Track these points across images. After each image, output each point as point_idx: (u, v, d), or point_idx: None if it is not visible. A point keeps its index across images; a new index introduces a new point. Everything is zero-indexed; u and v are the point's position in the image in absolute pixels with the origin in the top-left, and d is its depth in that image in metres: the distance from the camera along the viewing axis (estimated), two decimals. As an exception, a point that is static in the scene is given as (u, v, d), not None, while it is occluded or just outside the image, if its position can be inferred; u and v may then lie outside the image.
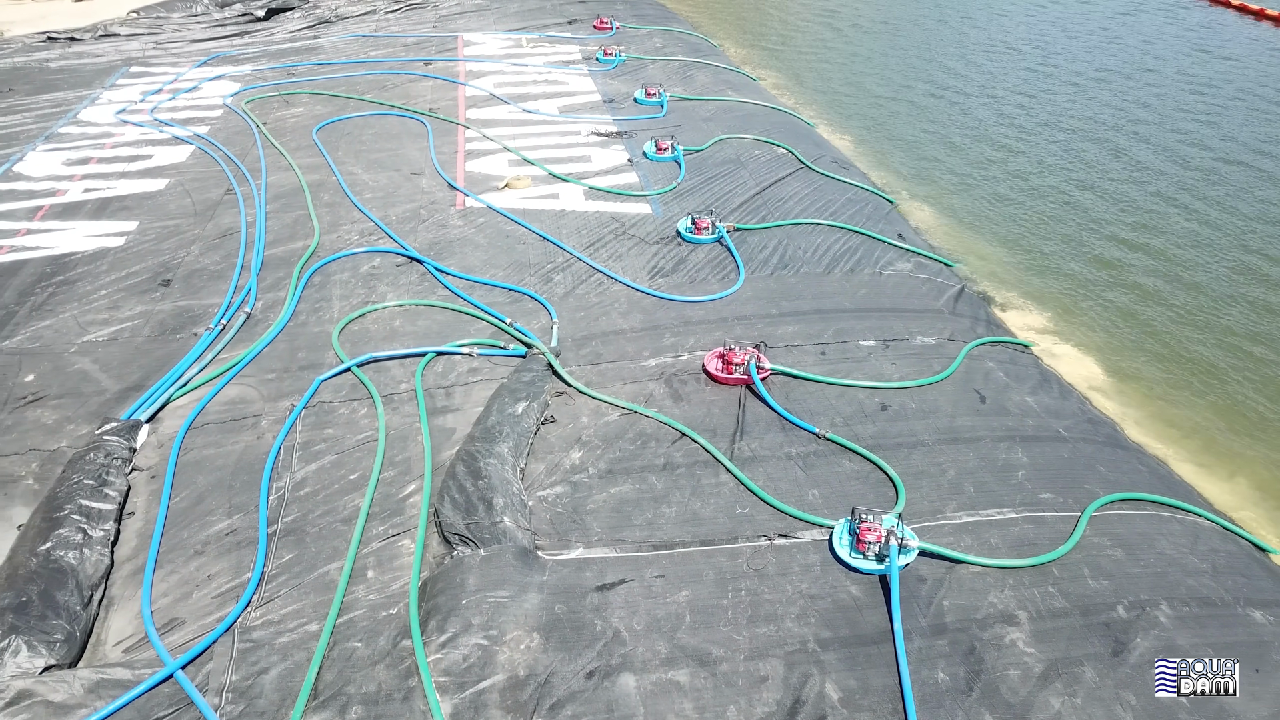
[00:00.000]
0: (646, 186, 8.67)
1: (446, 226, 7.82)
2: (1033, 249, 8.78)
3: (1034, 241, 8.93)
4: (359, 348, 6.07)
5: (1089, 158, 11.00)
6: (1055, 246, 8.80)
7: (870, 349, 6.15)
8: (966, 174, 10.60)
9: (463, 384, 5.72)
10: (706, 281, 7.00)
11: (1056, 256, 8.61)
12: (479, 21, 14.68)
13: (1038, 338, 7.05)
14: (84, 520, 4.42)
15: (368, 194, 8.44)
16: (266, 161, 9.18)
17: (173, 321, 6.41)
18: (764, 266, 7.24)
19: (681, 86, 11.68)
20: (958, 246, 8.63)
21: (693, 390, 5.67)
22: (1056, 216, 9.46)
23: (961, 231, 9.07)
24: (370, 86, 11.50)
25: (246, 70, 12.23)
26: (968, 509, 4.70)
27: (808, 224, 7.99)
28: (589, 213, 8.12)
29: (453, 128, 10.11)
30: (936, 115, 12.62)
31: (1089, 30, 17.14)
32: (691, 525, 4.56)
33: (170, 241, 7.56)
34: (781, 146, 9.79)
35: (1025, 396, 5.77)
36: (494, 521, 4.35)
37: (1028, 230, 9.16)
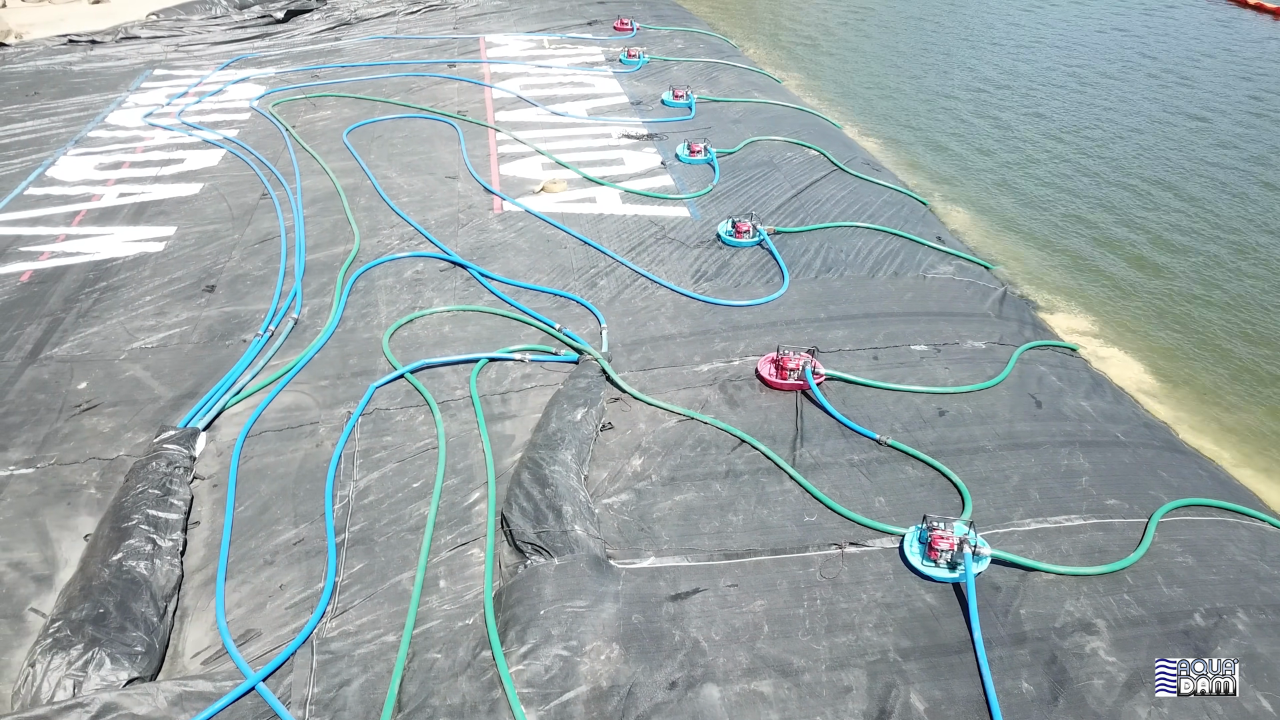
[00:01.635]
0: (682, 189, 8.66)
1: (486, 231, 7.80)
2: (1071, 250, 8.75)
3: (1072, 243, 8.91)
4: (410, 354, 6.05)
5: (1125, 157, 10.98)
6: (1094, 248, 8.78)
7: (922, 353, 6.14)
8: (999, 175, 10.58)
9: (518, 390, 5.70)
10: (751, 286, 6.99)
11: (1096, 258, 8.59)
12: (499, 23, 14.66)
13: (1084, 341, 7.03)
14: (152, 530, 4.41)
15: (404, 198, 8.43)
16: (299, 165, 9.17)
17: (220, 328, 6.39)
18: (807, 270, 7.22)
19: (707, 88, 11.66)
20: (996, 248, 8.61)
21: (748, 396, 5.65)
22: (1094, 217, 9.44)
23: (998, 233, 9.05)
24: (396, 89, 11.49)
25: (270, 73, 12.22)
26: (1035, 515, 4.68)
27: (848, 227, 7.97)
28: (627, 216, 8.11)
29: (483, 130, 10.09)
30: (964, 115, 12.60)
31: (1122, 27, 17.11)
32: (760, 533, 4.54)
33: (210, 247, 7.54)
34: (813, 148, 9.77)
35: (1080, 401, 5.75)
36: (565, 530, 4.33)
37: (1065, 231, 9.14)
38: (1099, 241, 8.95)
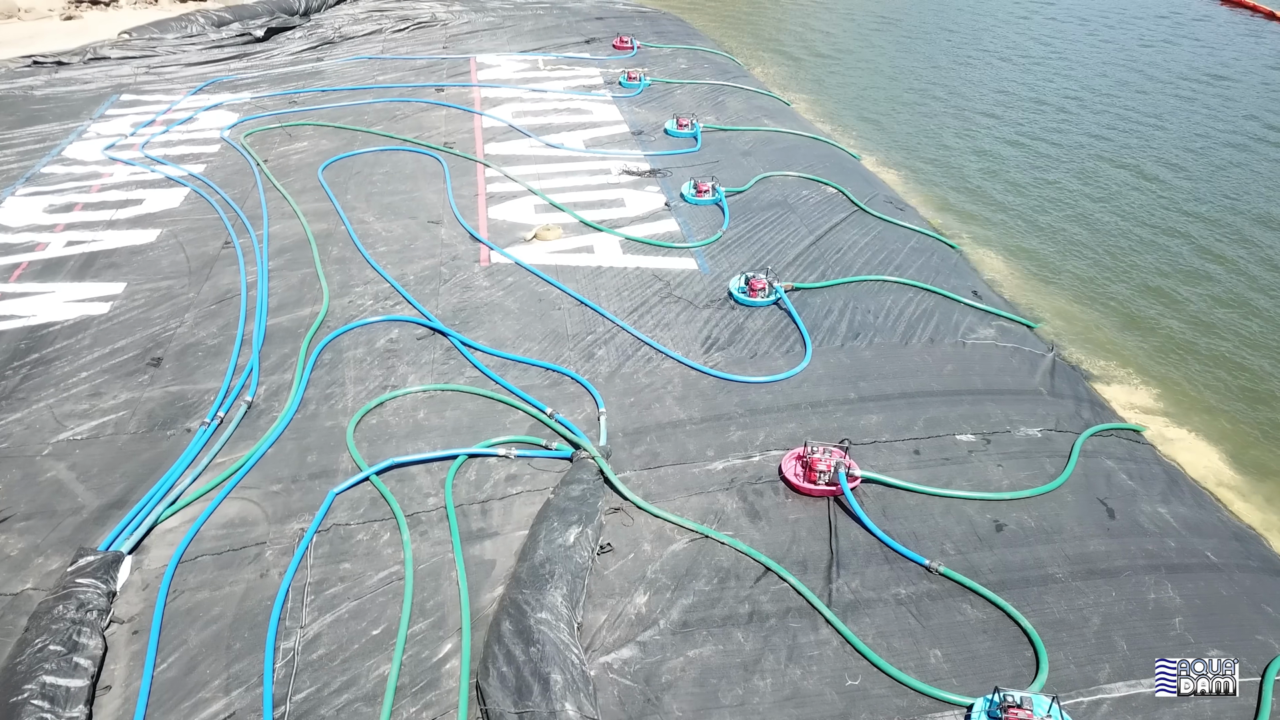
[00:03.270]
0: (689, 236, 7.84)
1: (471, 288, 6.98)
2: (1119, 302, 7.94)
3: (1119, 292, 8.10)
4: (378, 448, 5.24)
5: (1175, 193, 10.17)
6: (1146, 300, 7.97)
7: (970, 445, 5.32)
8: (1032, 212, 9.77)
9: (500, 496, 4.88)
10: (769, 355, 6.17)
11: (1149, 312, 7.78)
12: (491, 41, 13.85)
13: (1147, 419, 6.21)
14: (47, 706, 3.59)
15: (381, 247, 7.62)
16: (268, 207, 8.35)
17: (163, 413, 5.57)
18: (832, 336, 6.41)
19: (714, 115, 10.85)
20: (1035, 301, 7.80)
21: (771, 504, 4.83)
22: (1142, 262, 8.63)
23: (1037, 282, 8.24)
24: (379, 116, 10.67)
25: (245, 98, 11.40)
26: (1125, 676, 3.86)
27: (874, 281, 7.16)
28: (628, 269, 7.29)
29: (471, 166, 9.28)
30: (992, 141, 11.79)
31: (1171, 39, 16.32)
32: (794, 704, 3.72)
33: (162, 309, 6.72)
34: (830, 185, 8.96)
35: (1157, 506, 4.94)
36: (554, 710, 3.51)
37: (1110, 279, 8.33)
38: (1154, 292, 8.14)
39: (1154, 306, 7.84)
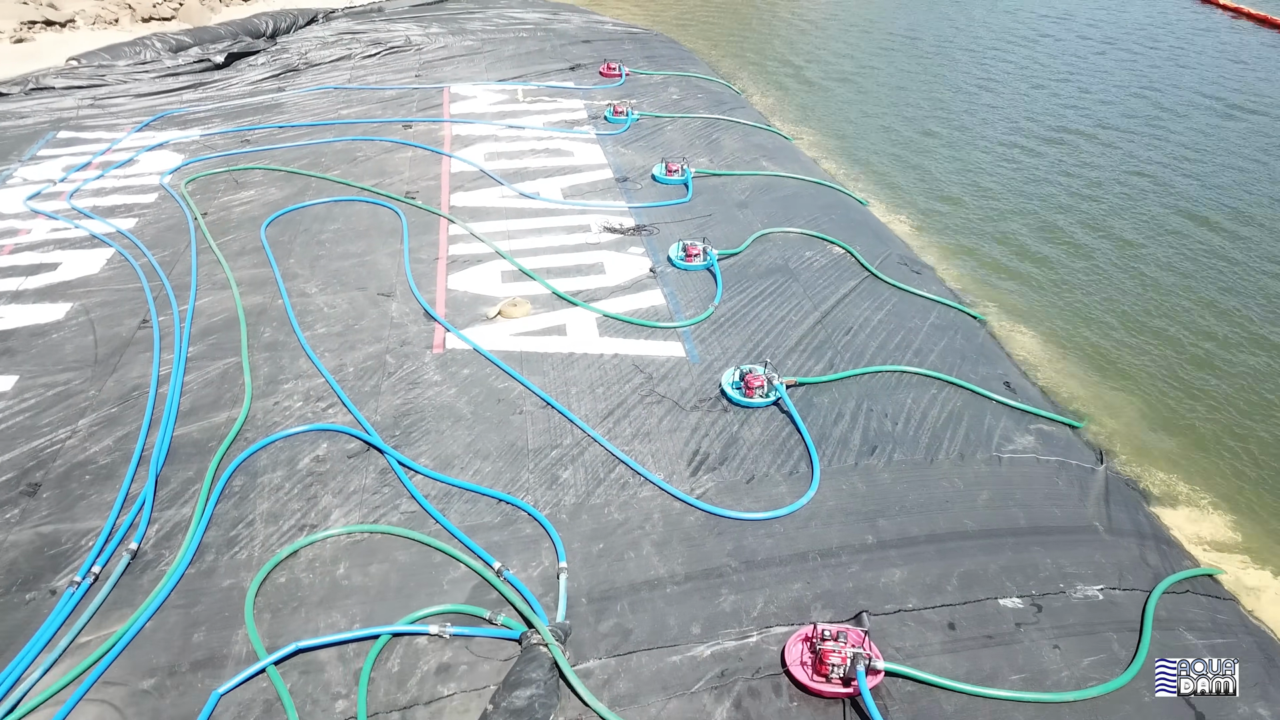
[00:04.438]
0: (676, 312, 6.82)
1: (419, 384, 5.97)
2: (1175, 388, 6.92)
3: (1176, 373, 7.08)
4: (283, 620, 4.22)
5: (1234, 249, 9.17)
6: (1209, 390, 6.94)
7: (1016, 614, 4.30)
8: (1066, 272, 8.76)
9: (429, 700, 3.86)
10: (768, 478, 5.16)
11: (1212, 408, 6.75)
12: (468, 68, 12.84)
13: (1221, 559, 5.19)
14: None
15: (321, 327, 6.60)
16: (200, 273, 7.35)
17: (26, 565, 4.55)
18: (843, 450, 5.39)
19: (707, 156, 9.84)
20: (1078, 390, 6.77)
21: (772, 712, 3.81)
22: (1197, 337, 7.62)
23: (1078, 366, 7.21)
24: (338, 158, 9.66)
25: (194, 136, 10.38)
26: None
27: (890, 371, 6.15)
28: (605, 357, 6.27)
29: (434, 221, 8.26)
30: (1019, 185, 10.79)
31: (1243, 58, 15.32)
32: None
33: (54, 412, 5.70)
34: (838, 244, 7.95)
35: (1256, 707, 3.92)
36: None
37: (1165, 359, 7.30)
38: (1213, 368, 7.13)
39: (1225, 407, 6.81)
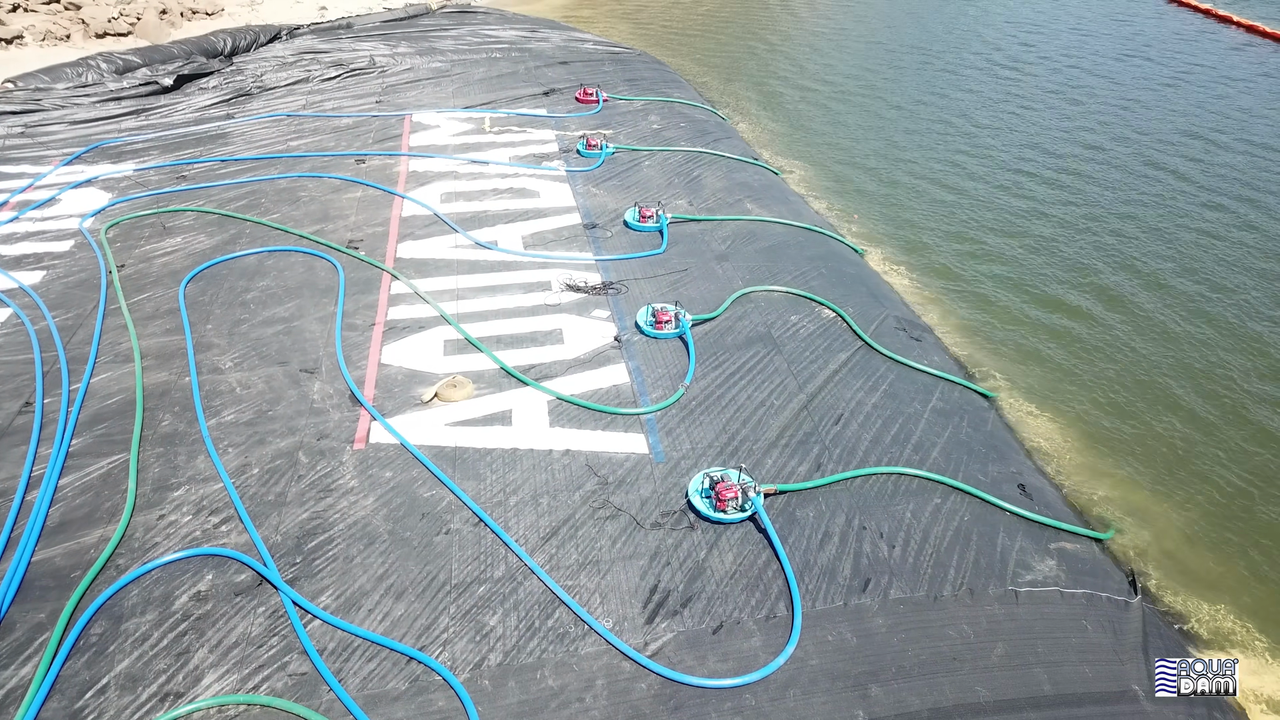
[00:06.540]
0: (641, 393, 5.95)
1: (332, 490, 5.07)
2: (1218, 487, 6.06)
3: (1206, 471, 6.22)
4: (116, 845, 3.32)
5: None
6: (1258, 489, 6.08)
7: (1045, 833, 3.43)
8: (1086, 333, 7.89)
9: None
10: (739, 625, 4.28)
11: (1248, 516, 5.90)
12: (434, 93, 11.95)
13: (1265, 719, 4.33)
14: None
15: (230, 413, 5.71)
16: (102, 342, 6.47)
17: None
18: (830, 583, 4.52)
19: (686, 198, 8.97)
20: (1101, 487, 5.90)
21: None
22: (1236, 422, 6.76)
23: (1101, 451, 6.33)
24: (278, 199, 8.77)
25: (126, 170, 9.49)
26: None
27: (884, 474, 5.27)
28: (555, 454, 5.39)
29: (375, 276, 7.37)
30: (1032, 231, 9.93)
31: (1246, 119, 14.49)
32: None
33: (-107, 528, 4.81)
34: (828, 306, 7.07)
35: None
36: None
37: (1205, 449, 6.43)
38: (1253, 463, 6.27)
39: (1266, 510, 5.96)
